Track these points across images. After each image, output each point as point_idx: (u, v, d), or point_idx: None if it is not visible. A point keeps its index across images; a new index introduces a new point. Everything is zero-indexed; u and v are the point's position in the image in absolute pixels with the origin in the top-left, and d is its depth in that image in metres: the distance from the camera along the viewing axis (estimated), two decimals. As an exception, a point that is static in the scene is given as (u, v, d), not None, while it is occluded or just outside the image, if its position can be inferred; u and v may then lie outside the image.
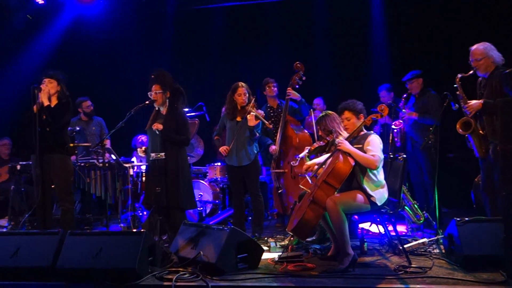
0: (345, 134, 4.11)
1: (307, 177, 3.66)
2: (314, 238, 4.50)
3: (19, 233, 4.04)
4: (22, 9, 7.62)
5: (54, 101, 4.68)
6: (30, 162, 5.62)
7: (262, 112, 5.07)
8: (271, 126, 5.04)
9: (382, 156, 3.69)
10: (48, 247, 3.76)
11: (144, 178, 5.98)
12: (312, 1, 7.43)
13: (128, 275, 3.44)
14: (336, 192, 3.62)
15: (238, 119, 4.98)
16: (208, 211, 6.31)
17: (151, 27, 7.86)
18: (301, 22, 7.54)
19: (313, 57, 7.25)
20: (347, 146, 3.68)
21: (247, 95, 4.99)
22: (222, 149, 4.99)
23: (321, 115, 4.49)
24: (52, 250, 3.72)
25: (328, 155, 3.94)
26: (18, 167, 5.83)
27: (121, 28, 7.78)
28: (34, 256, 3.72)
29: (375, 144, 3.71)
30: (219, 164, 6.46)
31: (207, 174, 6.56)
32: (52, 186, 4.64)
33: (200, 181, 6.30)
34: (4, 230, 5.75)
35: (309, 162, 4.26)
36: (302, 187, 3.85)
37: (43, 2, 7.39)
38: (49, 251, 3.72)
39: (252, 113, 4.79)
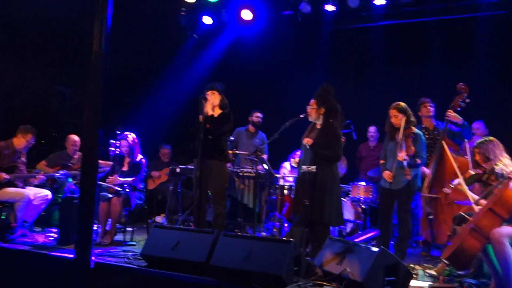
0: (507, 161, 3.76)
1: (474, 206, 3.42)
2: (468, 271, 4.14)
3: (179, 229, 4.42)
4: (191, 29, 8.47)
5: (217, 111, 5.07)
6: (189, 166, 6.18)
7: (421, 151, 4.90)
8: (409, 177, 4.85)
9: None
10: (203, 244, 4.01)
11: (286, 191, 6.15)
12: (475, 20, 6.95)
13: (275, 281, 3.52)
14: (503, 224, 3.30)
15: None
16: (348, 230, 6.22)
17: (307, 46, 8.08)
18: (461, 42, 7.10)
19: (472, 78, 6.76)
20: None
21: (399, 116, 4.92)
22: (387, 175, 4.90)
23: (482, 139, 4.16)
24: (207, 248, 3.96)
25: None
26: (178, 170, 6.40)
27: (277, 46, 8.14)
28: (191, 251, 4.01)
29: None
30: (363, 183, 6.35)
31: (350, 192, 6.49)
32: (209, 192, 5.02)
33: (342, 199, 6.24)
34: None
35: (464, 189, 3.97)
36: (464, 214, 3.59)
37: (211, 22, 8.11)
38: (204, 248, 3.97)
39: (400, 154, 4.69)
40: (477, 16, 6.86)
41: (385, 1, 6.94)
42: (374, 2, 6.98)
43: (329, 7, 7.20)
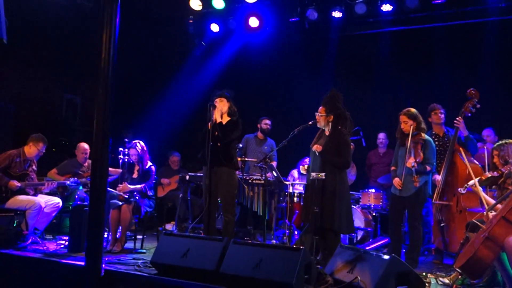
0: None
1: (489, 213, 3.39)
2: (481, 280, 4.09)
3: (189, 236, 4.41)
4: (199, 36, 8.51)
5: (225, 119, 5.07)
6: (198, 174, 6.19)
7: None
8: (417, 184, 4.80)
9: None
10: (213, 252, 4.00)
11: (296, 198, 6.13)
12: (483, 25, 6.92)
13: (285, 290, 3.52)
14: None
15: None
16: (359, 238, 6.18)
17: (314, 52, 8.09)
18: (469, 47, 7.08)
19: (481, 84, 6.72)
20: None
21: (408, 122, 4.90)
22: (396, 182, 4.88)
23: (502, 141, 4.13)
24: (216, 256, 3.94)
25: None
26: (187, 177, 6.40)
27: (285, 53, 8.17)
28: (201, 259, 4.00)
29: None
30: (373, 190, 6.32)
31: (360, 200, 6.46)
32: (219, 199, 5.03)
33: (352, 206, 6.21)
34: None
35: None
36: (477, 222, 3.55)
37: (218, 30, 8.15)
38: (214, 256, 3.96)
39: (409, 160, 4.67)
40: (485, 21, 6.83)
41: (392, 7, 6.93)
42: (381, 8, 6.97)
43: (336, 14, 7.21)
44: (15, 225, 5.36)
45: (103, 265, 4.09)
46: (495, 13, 6.70)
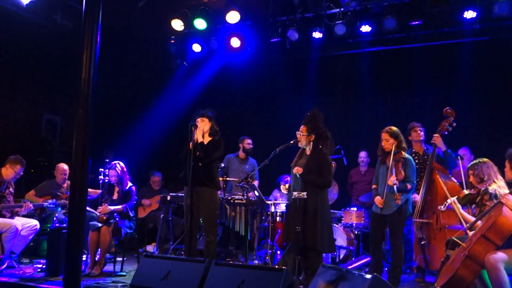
0: (501, 183, 3.79)
1: (469, 232, 3.44)
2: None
3: (169, 258, 4.35)
4: (181, 56, 8.54)
5: (207, 138, 5.06)
6: (179, 194, 6.13)
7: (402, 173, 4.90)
8: (398, 201, 4.81)
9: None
10: (194, 274, 3.96)
11: (278, 218, 6.11)
12: (458, 46, 7.11)
13: (268, 311, 3.48)
14: (496, 249, 3.30)
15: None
16: (341, 256, 6.17)
17: (295, 72, 8.17)
18: (446, 67, 7.26)
19: (457, 103, 6.88)
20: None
21: (390, 140, 4.93)
22: (377, 201, 4.91)
23: (476, 161, 4.21)
24: (198, 278, 3.90)
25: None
26: (168, 197, 6.34)
27: (266, 73, 8.26)
28: (182, 281, 3.95)
29: None
30: (355, 209, 6.34)
31: (342, 218, 6.47)
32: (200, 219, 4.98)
33: (334, 225, 6.22)
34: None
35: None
36: (456, 240, 3.58)
37: (199, 50, 8.19)
38: (195, 278, 3.91)
39: (390, 178, 4.72)
40: (460, 42, 7.02)
41: (371, 28, 7.07)
42: (360, 29, 7.10)
43: (317, 34, 7.31)
44: (-10, 248, 5.22)
45: (81, 289, 4.00)
46: (470, 34, 6.88)
